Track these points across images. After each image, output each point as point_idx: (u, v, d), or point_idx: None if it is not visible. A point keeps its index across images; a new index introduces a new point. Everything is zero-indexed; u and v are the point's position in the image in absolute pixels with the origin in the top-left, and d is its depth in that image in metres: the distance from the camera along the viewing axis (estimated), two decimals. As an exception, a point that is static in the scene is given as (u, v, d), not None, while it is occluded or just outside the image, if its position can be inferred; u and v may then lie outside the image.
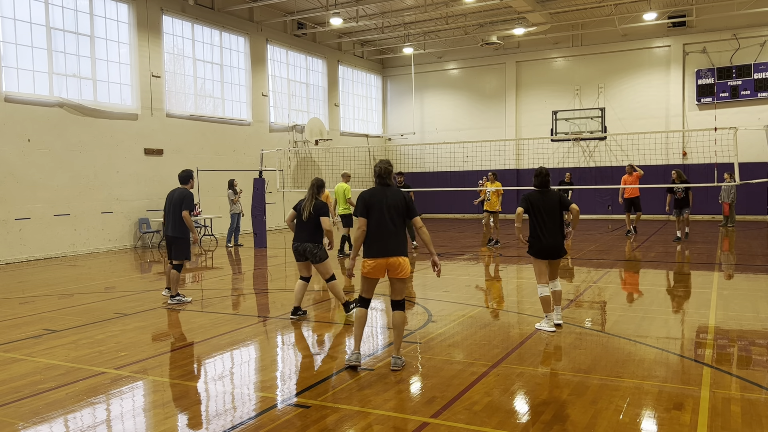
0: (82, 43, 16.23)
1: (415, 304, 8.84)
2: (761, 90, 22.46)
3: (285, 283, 11.05)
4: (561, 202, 7.16)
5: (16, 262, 14.49)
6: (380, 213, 5.66)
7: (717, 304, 8.32)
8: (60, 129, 15.53)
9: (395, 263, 5.66)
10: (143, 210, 17.58)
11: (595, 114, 24.81)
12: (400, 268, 5.67)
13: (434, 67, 28.56)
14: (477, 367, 5.71)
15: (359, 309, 5.85)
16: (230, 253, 15.87)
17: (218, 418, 4.66)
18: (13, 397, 5.13)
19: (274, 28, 22.67)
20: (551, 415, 4.53)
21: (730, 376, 5.38)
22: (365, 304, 5.86)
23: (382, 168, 5.84)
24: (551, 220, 7.10)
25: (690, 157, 23.47)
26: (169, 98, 18.69)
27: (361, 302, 5.86)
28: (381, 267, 5.68)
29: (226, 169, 19.76)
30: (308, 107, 24.89)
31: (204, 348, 6.62)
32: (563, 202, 7.17)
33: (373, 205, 5.69)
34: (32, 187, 14.92)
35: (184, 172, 9.39)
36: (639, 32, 24.30)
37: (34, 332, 7.40)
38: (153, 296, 9.74)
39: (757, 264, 12.05)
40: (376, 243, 5.66)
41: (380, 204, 5.67)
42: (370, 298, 5.89)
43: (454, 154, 25.18)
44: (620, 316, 7.71)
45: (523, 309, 8.38)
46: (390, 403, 4.82)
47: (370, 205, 5.70)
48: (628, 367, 5.64)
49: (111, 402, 5.04)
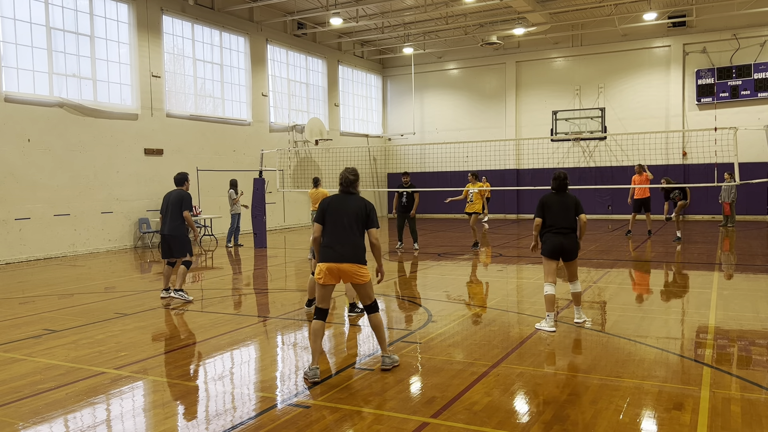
0: (82, 43, 16.23)
1: (417, 305, 8.84)
2: (761, 90, 22.46)
3: (285, 283, 11.05)
4: (576, 207, 7.27)
5: (16, 262, 14.49)
6: (338, 219, 5.64)
7: (717, 304, 8.32)
8: (60, 129, 15.54)
9: (348, 270, 5.57)
10: (143, 210, 17.58)
11: (595, 114, 24.81)
12: (354, 275, 5.60)
13: (434, 67, 28.56)
14: (477, 367, 5.71)
15: (315, 321, 5.62)
16: (230, 253, 15.87)
17: (218, 418, 4.66)
18: (13, 397, 5.14)
19: (274, 28, 22.68)
20: (551, 415, 4.53)
21: (730, 376, 5.38)
22: (321, 315, 5.64)
23: (345, 177, 5.84)
24: (565, 221, 7.18)
25: (690, 157, 23.47)
26: (169, 98, 18.69)
27: (317, 313, 5.65)
28: (333, 272, 5.58)
29: (226, 169, 19.76)
30: (308, 107, 24.89)
31: (204, 348, 6.62)
32: (578, 208, 7.29)
33: (331, 212, 5.69)
34: (32, 187, 14.92)
35: (180, 175, 9.53)
36: (639, 32, 24.30)
37: (34, 332, 7.40)
38: (153, 296, 9.74)
39: (757, 264, 12.06)
40: (329, 248, 5.61)
41: (338, 211, 5.67)
42: (326, 309, 5.68)
43: (454, 154, 25.17)
44: (620, 316, 7.71)
45: (523, 309, 8.38)
46: (390, 403, 4.82)
47: (327, 212, 5.70)
48: (628, 367, 5.64)
49: (111, 402, 5.04)
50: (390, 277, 11.36)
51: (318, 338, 5.60)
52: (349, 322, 7.67)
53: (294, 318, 8.09)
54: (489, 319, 7.78)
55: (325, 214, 5.70)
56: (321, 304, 5.66)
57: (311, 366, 5.50)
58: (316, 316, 5.66)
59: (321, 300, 5.66)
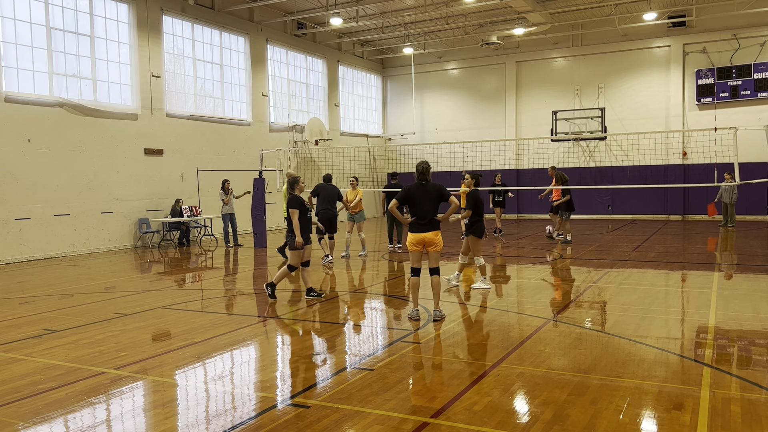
0: (82, 43, 16.23)
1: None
2: (761, 90, 22.46)
3: (285, 282, 11.04)
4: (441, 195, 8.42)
5: (16, 262, 14.49)
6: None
7: (717, 304, 8.32)
8: (60, 129, 15.54)
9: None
10: (143, 210, 17.58)
11: (595, 114, 24.81)
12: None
13: (434, 67, 28.56)
14: (477, 367, 5.71)
15: (413, 278, 7.78)
16: (230, 253, 15.87)
17: (218, 418, 4.66)
18: (13, 397, 5.13)
19: (274, 28, 22.67)
20: (551, 415, 4.53)
21: (730, 376, 5.38)
22: (416, 273, 7.78)
23: (423, 168, 7.79)
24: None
25: (690, 157, 23.46)
26: (169, 98, 18.69)
27: (414, 272, 7.79)
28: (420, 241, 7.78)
29: (226, 169, 19.76)
30: (308, 107, 24.89)
31: (204, 348, 6.62)
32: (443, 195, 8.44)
33: (412, 196, 7.77)
34: (32, 187, 14.92)
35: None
36: (639, 32, 24.31)
37: (34, 332, 7.40)
38: (153, 296, 9.74)
39: (757, 264, 12.06)
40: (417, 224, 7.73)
41: (420, 195, 7.74)
42: (419, 268, 7.84)
43: (454, 154, 25.16)
44: (620, 316, 7.71)
45: (523, 309, 8.38)
46: (390, 403, 4.81)
47: (408, 197, 7.80)
48: (628, 367, 5.64)
49: (111, 402, 5.04)
50: (390, 276, 11.36)
51: (416, 289, 7.75)
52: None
53: (294, 318, 8.09)
54: (489, 319, 7.78)
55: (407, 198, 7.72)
56: (414, 264, 7.76)
57: (413, 309, 7.67)
58: (413, 274, 7.76)
59: (415, 262, 7.76)
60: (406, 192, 7.68)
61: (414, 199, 7.64)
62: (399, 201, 7.71)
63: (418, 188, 7.65)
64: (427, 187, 7.66)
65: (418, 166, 7.69)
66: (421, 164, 7.68)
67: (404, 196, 7.68)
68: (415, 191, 7.64)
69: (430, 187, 7.66)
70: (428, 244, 7.64)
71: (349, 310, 8.60)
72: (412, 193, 7.65)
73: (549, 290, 9.99)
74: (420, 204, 7.60)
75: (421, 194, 7.62)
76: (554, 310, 8.25)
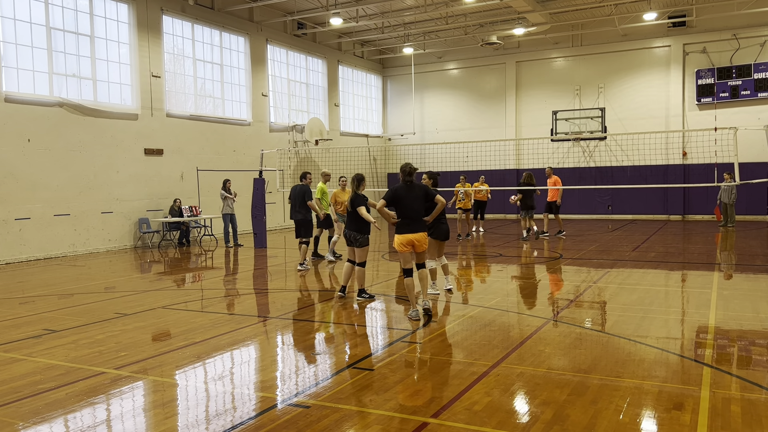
0: (82, 43, 16.23)
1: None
2: (761, 90, 22.45)
3: (285, 283, 11.04)
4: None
5: (16, 262, 14.49)
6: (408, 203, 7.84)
7: (717, 304, 8.32)
8: (60, 129, 15.54)
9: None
10: (143, 210, 17.58)
11: (595, 114, 24.81)
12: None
13: (434, 67, 28.56)
14: (477, 367, 5.71)
15: (407, 279, 7.79)
16: (230, 253, 15.87)
17: (218, 418, 4.66)
18: (13, 397, 5.13)
19: (274, 28, 22.67)
20: (551, 415, 4.53)
21: (730, 376, 5.38)
22: (409, 273, 7.85)
23: (408, 170, 7.96)
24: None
25: (690, 157, 23.46)
26: (169, 98, 18.68)
27: (406, 273, 7.85)
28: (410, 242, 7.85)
29: (226, 169, 19.76)
30: (308, 107, 24.89)
31: (204, 348, 6.62)
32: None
33: (401, 198, 7.87)
34: (32, 187, 14.92)
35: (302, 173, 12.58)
36: (639, 32, 24.30)
37: (34, 332, 7.40)
38: (153, 296, 9.74)
39: (757, 264, 12.05)
40: (405, 225, 7.80)
41: (408, 197, 7.81)
42: (411, 268, 7.88)
43: (454, 154, 25.16)
44: (620, 316, 7.71)
45: (523, 309, 8.38)
46: (390, 403, 4.81)
47: (396, 197, 7.89)
48: (628, 367, 5.64)
49: (111, 402, 5.04)
50: (390, 277, 11.36)
51: (412, 290, 7.78)
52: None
53: (294, 318, 8.10)
54: (489, 319, 7.78)
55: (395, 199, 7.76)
56: (406, 265, 7.80)
57: (412, 309, 7.66)
58: (406, 275, 7.79)
59: (406, 263, 7.79)
60: (393, 193, 7.78)
61: (402, 199, 7.72)
62: (387, 201, 7.78)
63: (405, 189, 7.77)
64: (414, 187, 7.82)
65: (405, 167, 7.83)
66: (407, 165, 7.85)
67: (392, 196, 7.76)
68: (402, 192, 7.75)
69: (416, 188, 7.83)
70: (417, 244, 7.73)
71: (349, 310, 8.59)
72: (400, 194, 7.74)
73: (549, 290, 9.98)
74: (410, 204, 7.71)
75: (408, 194, 7.75)
76: (554, 310, 8.25)
